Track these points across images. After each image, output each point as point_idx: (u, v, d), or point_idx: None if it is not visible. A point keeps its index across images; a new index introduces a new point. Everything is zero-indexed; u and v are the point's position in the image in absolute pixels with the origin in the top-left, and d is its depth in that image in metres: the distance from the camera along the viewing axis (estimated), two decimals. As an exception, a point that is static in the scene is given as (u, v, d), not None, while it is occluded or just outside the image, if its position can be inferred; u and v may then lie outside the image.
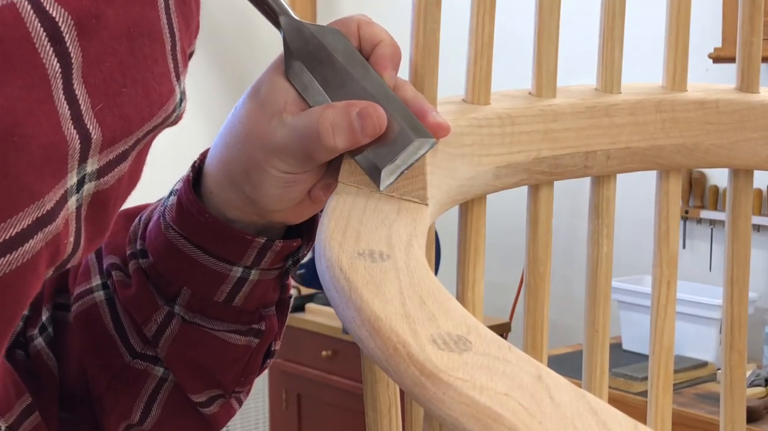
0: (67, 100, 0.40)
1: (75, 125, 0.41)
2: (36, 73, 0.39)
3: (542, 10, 0.79)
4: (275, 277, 0.74)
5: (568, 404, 0.43)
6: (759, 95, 0.89)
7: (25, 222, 0.40)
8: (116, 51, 0.42)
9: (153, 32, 0.43)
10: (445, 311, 0.50)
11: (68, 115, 0.40)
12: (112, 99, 0.42)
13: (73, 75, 0.40)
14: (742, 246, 0.91)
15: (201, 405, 0.77)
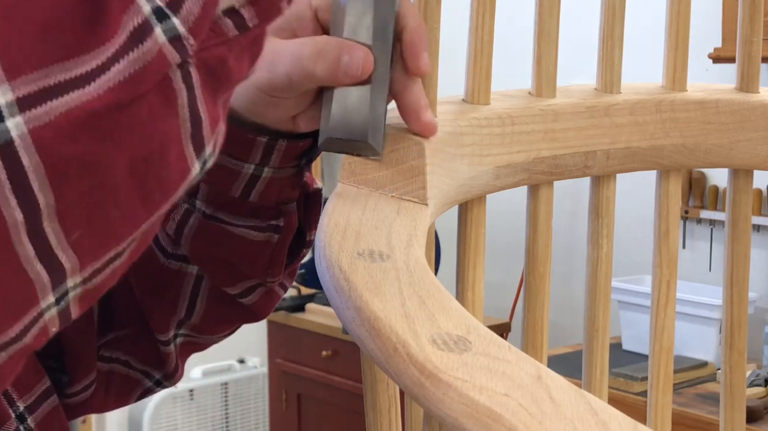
0: (31, 242, 0.38)
1: (41, 261, 0.39)
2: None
3: (542, 10, 0.79)
4: (291, 176, 0.75)
5: (568, 404, 0.43)
6: (759, 95, 0.89)
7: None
8: (113, 185, 0.40)
9: (166, 144, 0.41)
10: (445, 311, 0.50)
11: (32, 255, 0.38)
12: (96, 224, 0.40)
13: (43, 217, 0.38)
14: (742, 246, 0.91)
15: (239, 296, 0.79)
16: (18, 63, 0.37)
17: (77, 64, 0.38)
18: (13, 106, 0.37)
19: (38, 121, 0.37)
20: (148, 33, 0.39)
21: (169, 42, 0.40)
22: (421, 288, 0.52)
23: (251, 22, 0.44)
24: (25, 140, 0.37)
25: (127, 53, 0.39)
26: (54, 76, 0.38)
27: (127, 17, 0.39)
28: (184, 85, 0.41)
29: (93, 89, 0.38)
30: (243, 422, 3.82)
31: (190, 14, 0.41)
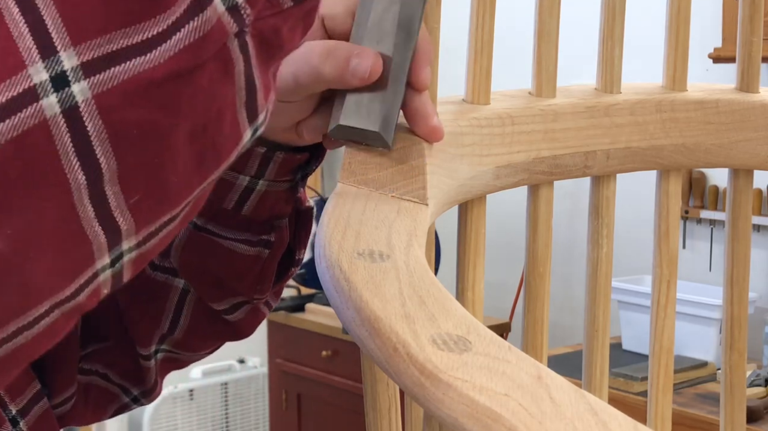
0: (92, 204, 0.39)
1: (101, 223, 0.40)
2: (57, 190, 0.38)
3: (542, 10, 0.79)
4: (285, 190, 0.74)
5: (568, 404, 0.43)
6: (759, 95, 0.89)
7: (41, 309, 0.40)
8: (172, 151, 0.41)
9: (223, 111, 0.42)
10: (445, 311, 0.50)
11: (92, 216, 0.39)
12: (154, 188, 0.41)
13: (104, 180, 0.39)
14: (742, 246, 0.91)
15: (225, 313, 0.79)
16: (83, 28, 0.38)
17: (139, 30, 0.39)
18: (79, 71, 0.37)
19: (102, 86, 0.38)
20: (207, 2, 0.40)
21: (227, 11, 0.41)
22: (421, 288, 0.52)
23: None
24: (90, 105, 0.38)
25: (187, 22, 0.40)
26: (117, 42, 0.38)
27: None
28: (240, 54, 0.42)
29: (155, 56, 0.39)
30: (243, 422, 3.82)
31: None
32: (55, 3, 0.38)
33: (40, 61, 0.37)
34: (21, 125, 0.37)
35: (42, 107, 0.37)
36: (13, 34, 0.37)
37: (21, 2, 0.37)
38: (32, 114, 0.37)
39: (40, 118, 0.37)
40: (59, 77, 0.37)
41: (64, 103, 0.37)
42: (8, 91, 0.37)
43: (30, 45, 0.37)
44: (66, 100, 0.37)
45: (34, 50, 0.37)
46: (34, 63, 0.37)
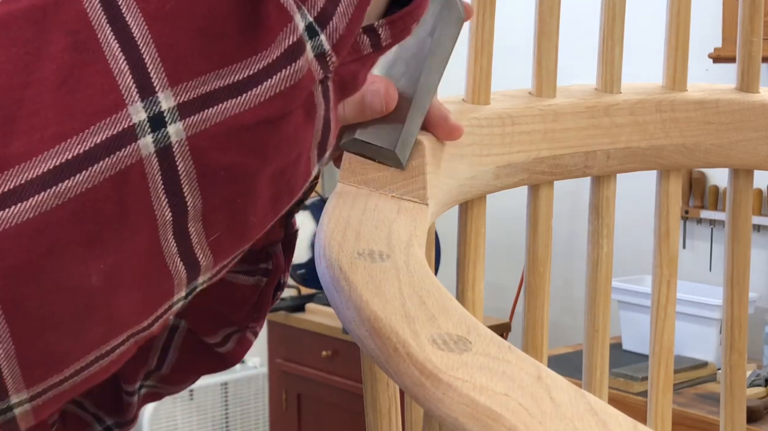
0: (176, 240, 0.40)
1: (182, 258, 0.40)
2: (146, 227, 0.39)
3: (542, 10, 0.79)
4: (283, 216, 0.74)
5: (568, 404, 0.43)
6: (759, 95, 0.89)
7: (119, 340, 0.41)
8: (254, 193, 0.42)
9: (302, 153, 0.43)
10: (445, 311, 0.50)
11: (174, 252, 0.40)
12: (234, 227, 0.42)
13: (189, 218, 0.40)
14: (742, 246, 0.91)
15: (217, 346, 0.78)
16: (180, 68, 0.38)
17: (232, 71, 0.39)
18: (175, 112, 0.38)
19: (195, 128, 0.39)
20: (301, 51, 0.41)
21: (316, 58, 0.41)
22: (421, 288, 0.52)
23: (385, 42, 0.46)
24: (183, 146, 0.38)
25: (281, 69, 0.40)
26: (211, 83, 0.39)
27: (284, 33, 0.40)
28: (323, 100, 0.43)
29: (246, 100, 0.39)
30: (243, 422, 3.82)
31: (335, 31, 0.42)
32: (154, 41, 0.38)
33: (139, 101, 0.38)
34: (119, 164, 0.37)
35: (139, 147, 0.38)
36: (114, 71, 0.38)
37: (121, 38, 0.38)
38: (130, 154, 0.37)
39: (137, 157, 0.38)
40: (156, 118, 0.38)
41: (159, 144, 0.38)
42: (109, 129, 0.37)
43: (130, 84, 0.38)
44: (161, 140, 0.38)
45: (134, 89, 0.38)
46: (134, 102, 0.38)
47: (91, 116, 0.37)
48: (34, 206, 0.36)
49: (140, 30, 0.38)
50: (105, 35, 0.38)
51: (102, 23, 0.38)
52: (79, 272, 0.38)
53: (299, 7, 0.40)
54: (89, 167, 0.37)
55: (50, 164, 0.36)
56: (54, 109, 0.37)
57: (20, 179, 0.36)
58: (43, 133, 0.37)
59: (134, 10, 0.38)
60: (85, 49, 0.37)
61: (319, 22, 0.41)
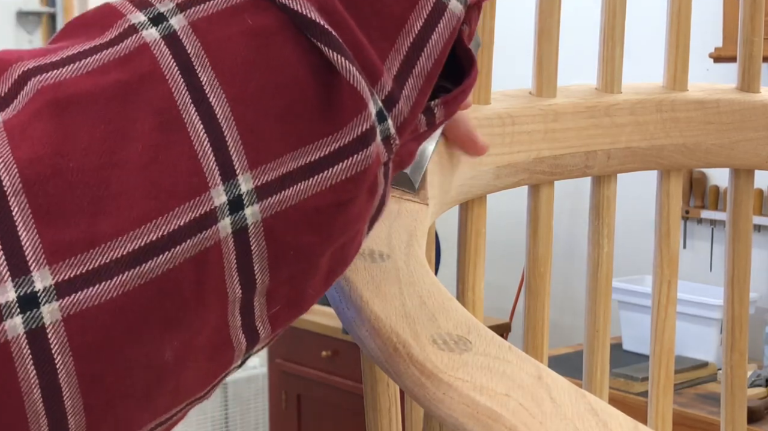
0: (240, 314, 0.40)
1: (244, 331, 0.41)
2: (218, 304, 0.39)
3: (542, 10, 0.78)
4: None
5: (568, 404, 0.43)
6: (760, 95, 0.89)
7: (179, 407, 0.41)
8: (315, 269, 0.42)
9: (360, 230, 0.44)
10: (445, 311, 0.49)
11: (238, 325, 0.41)
12: (293, 300, 0.42)
13: (255, 293, 0.40)
14: (742, 246, 0.91)
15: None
16: (259, 150, 0.39)
17: (305, 152, 0.40)
18: (253, 194, 0.39)
19: (271, 210, 0.39)
20: (373, 137, 0.41)
21: (382, 142, 0.42)
22: (422, 288, 0.51)
23: (438, 120, 0.46)
24: (258, 227, 0.39)
25: (353, 154, 0.41)
26: (286, 165, 0.39)
27: (359, 119, 0.41)
28: (384, 180, 0.43)
29: (319, 181, 0.40)
30: (243, 422, 3.82)
31: (400, 114, 0.42)
32: (236, 123, 0.38)
33: (221, 184, 0.38)
34: (200, 245, 0.38)
35: (218, 229, 0.38)
36: (197, 152, 0.38)
37: (205, 120, 0.38)
38: (210, 236, 0.38)
39: (216, 239, 0.38)
40: (236, 201, 0.39)
41: (236, 225, 0.39)
42: (191, 211, 0.38)
43: (213, 166, 0.38)
44: (238, 222, 0.39)
45: (216, 172, 0.38)
46: (216, 185, 0.38)
47: (175, 197, 0.38)
48: (117, 285, 0.37)
49: (223, 111, 0.38)
50: (190, 116, 0.38)
51: (187, 104, 0.38)
52: (155, 350, 0.38)
53: (372, 93, 0.41)
54: (172, 249, 0.37)
55: (135, 244, 0.37)
56: (140, 190, 0.37)
57: (106, 258, 0.37)
58: (129, 213, 0.37)
59: (218, 91, 0.39)
60: (170, 130, 0.38)
61: (386, 106, 0.42)
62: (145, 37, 0.39)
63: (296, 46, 0.40)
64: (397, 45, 0.42)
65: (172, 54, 0.39)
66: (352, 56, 0.40)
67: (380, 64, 0.41)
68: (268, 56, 0.39)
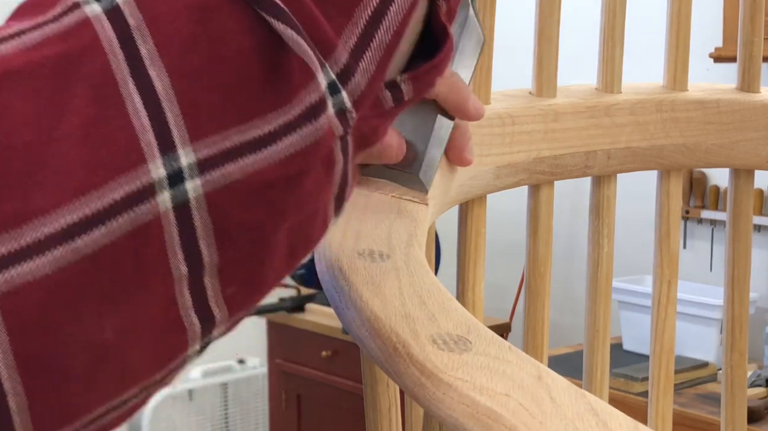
0: (191, 294, 0.40)
1: (197, 312, 0.40)
2: (162, 282, 0.39)
3: (542, 10, 0.78)
4: None
5: (568, 404, 0.43)
6: (760, 95, 0.89)
7: (132, 392, 0.41)
8: (271, 248, 0.42)
9: (319, 208, 0.43)
10: (445, 311, 0.49)
11: (189, 305, 0.40)
12: (251, 281, 0.42)
13: (205, 272, 0.40)
14: (742, 246, 0.91)
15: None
16: (201, 124, 0.38)
17: (252, 127, 0.39)
18: (194, 168, 0.38)
19: (213, 185, 0.39)
20: (322, 109, 0.41)
21: (336, 115, 0.41)
22: (421, 288, 0.51)
23: (407, 96, 0.45)
24: (200, 202, 0.38)
25: (301, 127, 0.40)
26: (231, 139, 0.39)
27: (307, 91, 0.40)
28: (342, 155, 0.43)
29: (266, 156, 0.39)
30: (243, 422, 3.82)
31: (357, 88, 0.42)
32: (177, 96, 0.38)
33: (159, 157, 0.38)
34: (138, 220, 0.37)
35: (157, 203, 0.38)
36: (135, 126, 0.38)
37: (144, 93, 0.38)
38: (148, 210, 0.38)
39: (155, 213, 0.38)
40: (175, 174, 0.38)
41: (176, 200, 0.38)
42: (128, 185, 0.37)
43: (151, 140, 0.38)
44: (179, 196, 0.38)
45: (155, 146, 0.38)
46: (154, 159, 0.38)
47: (111, 171, 0.37)
48: (52, 261, 0.36)
49: (163, 85, 0.38)
50: (128, 89, 0.38)
51: (126, 77, 0.38)
52: (94, 327, 0.38)
53: (323, 64, 0.41)
54: (108, 223, 0.37)
55: (69, 219, 0.36)
56: (76, 164, 0.37)
57: (39, 233, 0.36)
58: (63, 187, 0.37)
59: (158, 63, 0.38)
60: (108, 104, 0.38)
61: (341, 79, 0.41)
62: (87, 11, 0.38)
63: (242, 19, 0.39)
64: (354, 19, 0.42)
65: (113, 27, 0.38)
66: (302, 29, 0.40)
67: (334, 38, 0.41)
68: (212, 29, 0.39)
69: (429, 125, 0.64)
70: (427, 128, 0.64)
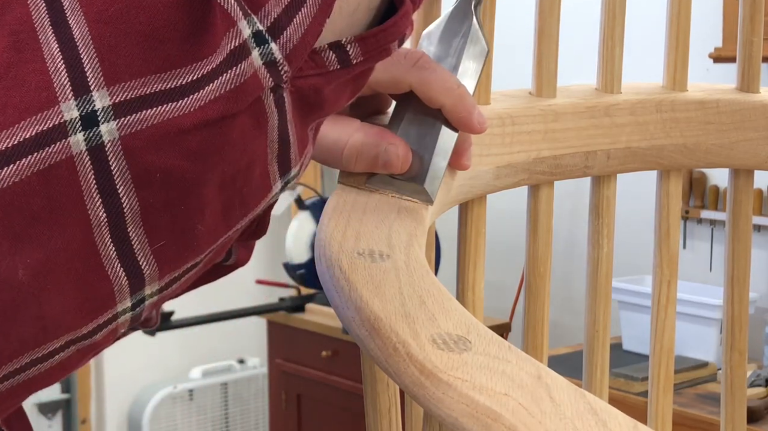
0: (114, 243, 0.40)
1: (123, 265, 0.40)
2: (78, 225, 0.39)
3: (542, 10, 0.79)
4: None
5: (568, 404, 0.43)
6: (759, 95, 0.89)
7: (56, 344, 0.40)
8: (199, 201, 0.41)
9: (253, 163, 0.43)
10: (445, 311, 0.50)
11: (113, 256, 0.40)
12: (180, 235, 0.41)
13: (127, 221, 0.39)
14: (742, 246, 0.91)
15: (222, 263, 0.75)
16: (118, 69, 0.38)
17: (174, 76, 0.39)
18: (109, 111, 0.38)
19: (130, 128, 0.39)
20: (245, 56, 0.41)
21: (264, 66, 0.41)
22: (421, 288, 0.51)
23: (355, 59, 0.45)
24: (116, 145, 0.38)
25: (222, 73, 0.40)
26: (150, 86, 0.39)
27: (227, 38, 0.40)
28: (276, 109, 0.42)
29: (186, 104, 0.39)
30: (243, 422, 3.82)
31: (289, 41, 0.42)
32: (94, 42, 0.38)
33: (72, 99, 0.38)
34: (48, 159, 0.37)
35: (69, 144, 0.38)
36: (49, 68, 0.38)
37: (61, 39, 0.38)
38: (59, 150, 0.38)
39: (67, 154, 0.38)
40: (89, 116, 0.38)
41: (91, 142, 0.38)
42: (39, 125, 0.37)
43: (65, 82, 0.38)
44: (93, 139, 0.38)
45: (68, 87, 0.38)
46: (67, 100, 0.38)
47: (22, 111, 0.37)
48: None
49: (81, 31, 0.38)
50: (46, 36, 0.38)
51: (44, 24, 0.38)
52: (5, 266, 0.38)
53: (246, 14, 0.41)
54: (17, 161, 0.37)
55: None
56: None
57: None
58: None
59: (78, 13, 0.38)
60: (24, 49, 0.38)
61: (272, 32, 0.41)
62: None
63: None
64: None
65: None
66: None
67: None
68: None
69: (434, 136, 0.64)
70: (431, 138, 0.64)
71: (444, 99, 0.63)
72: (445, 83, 0.63)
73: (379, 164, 0.64)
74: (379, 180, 0.64)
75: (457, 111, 0.63)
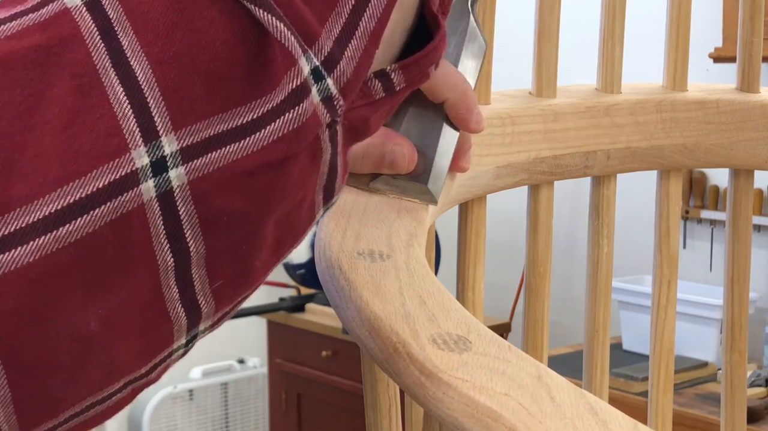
0: (178, 286, 0.39)
1: (184, 305, 0.40)
2: (147, 272, 0.39)
3: (542, 10, 0.79)
4: None
5: (568, 404, 0.43)
6: (759, 95, 0.89)
7: (116, 386, 0.40)
8: (258, 239, 0.41)
9: (305, 197, 0.43)
10: (445, 311, 0.50)
11: (176, 298, 0.40)
12: (238, 273, 0.41)
13: (192, 264, 0.39)
14: (742, 246, 0.91)
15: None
16: (183, 112, 0.38)
17: (235, 115, 0.39)
18: (177, 156, 0.38)
19: (198, 173, 0.38)
20: (306, 94, 0.40)
21: (322, 102, 0.41)
22: (421, 288, 0.52)
23: (398, 86, 0.45)
24: (185, 190, 0.38)
25: (285, 112, 0.40)
26: (214, 127, 0.39)
27: (288, 77, 0.40)
28: (329, 144, 0.42)
29: (249, 143, 0.39)
30: (243, 422, 3.82)
31: (343, 75, 0.41)
32: (158, 85, 0.38)
33: (142, 145, 0.37)
34: (120, 209, 0.37)
35: (141, 192, 0.37)
36: (117, 113, 0.37)
37: (125, 82, 0.38)
38: (131, 198, 0.37)
39: (138, 202, 0.37)
40: (159, 162, 0.38)
41: (160, 188, 0.38)
42: (111, 173, 0.37)
43: (133, 128, 0.37)
44: (163, 185, 0.38)
45: (137, 133, 0.37)
46: (137, 147, 0.37)
47: (93, 159, 0.37)
48: (34, 250, 0.36)
49: (144, 74, 0.38)
50: (109, 79, 0.38)
51: (106, 67, 0.38)
52: (78, 318, 0.37)
53: (305, 51, 0.40)
54: (91, 212, 0.37)
55: (51, 207, 0.36)
56: (56, 153, 0.37)
57: (21, 222, 0.36)
58: (45, 177, 0.36)
59: (139, 53, 0.38)
60: (89, 94, 0.37)
61: (326, 66, 0.41)
62: (67, 2, 0.38)
63: (223, 7, 0.39)
64: (338, 8, 0.42)
65: (92, 19, 0.38)
66: (283, 16, 0.40)
67: (317, 25, 0.41)
68: (192, 17, 0.39)
69: (435, 134, 0.64)
70: (434, 136, 0.64)
71: (448, 93, 0.63)
72: (450, 78, 0.63)
73: (385, 163, 0.63)
74: (383, 180, 0.64)
75: (460, 107, 0.63)
